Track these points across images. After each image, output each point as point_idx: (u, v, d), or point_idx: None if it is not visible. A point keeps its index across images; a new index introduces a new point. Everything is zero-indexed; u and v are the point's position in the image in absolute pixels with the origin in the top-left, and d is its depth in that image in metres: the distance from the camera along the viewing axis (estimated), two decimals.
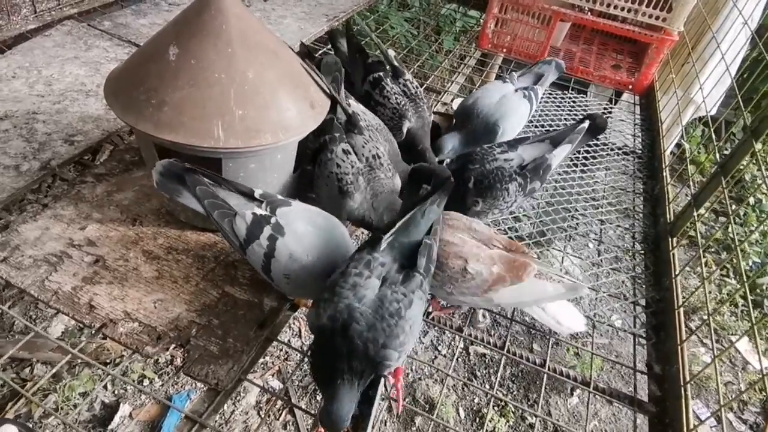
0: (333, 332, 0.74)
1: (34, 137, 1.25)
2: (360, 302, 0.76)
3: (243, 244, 0.87)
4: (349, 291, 0.76)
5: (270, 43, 0.98)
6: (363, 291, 0.76)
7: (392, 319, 0.75)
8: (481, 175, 1.11)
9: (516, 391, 2.23)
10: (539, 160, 1.13)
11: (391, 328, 0.75)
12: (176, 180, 0.88)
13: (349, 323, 0.74)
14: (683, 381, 0.97)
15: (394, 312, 0.76)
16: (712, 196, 1.25)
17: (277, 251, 0.86)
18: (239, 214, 0.87)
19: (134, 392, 1.89)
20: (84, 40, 1.62)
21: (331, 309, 0.75)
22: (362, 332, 0.73)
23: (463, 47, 2.33)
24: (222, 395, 0.88)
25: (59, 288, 0.96)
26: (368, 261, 0.79)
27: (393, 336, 0.75)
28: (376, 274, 0.78)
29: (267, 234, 0.86)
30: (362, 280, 0.77)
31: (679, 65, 2.00)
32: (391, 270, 0.80)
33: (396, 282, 0.79)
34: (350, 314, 0.74)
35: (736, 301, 2.73)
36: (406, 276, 0.80)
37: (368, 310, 0.75)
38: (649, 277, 1.25)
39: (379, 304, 0.76)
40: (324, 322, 0.75)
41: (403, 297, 0.78)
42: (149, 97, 0.89)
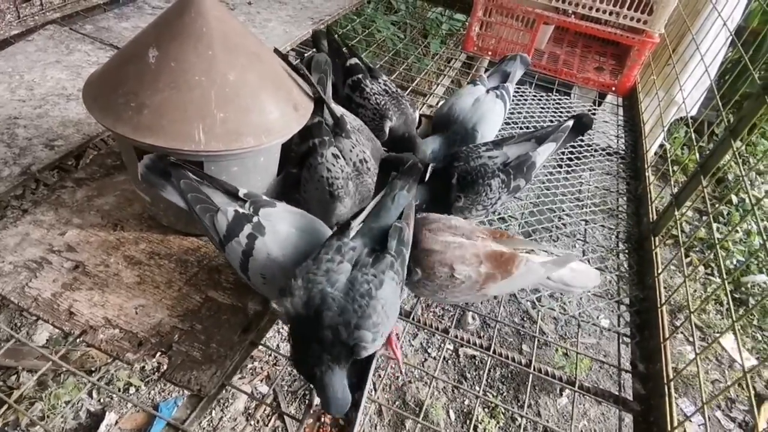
0: (307, 319, 0.75)
1: (14, 142, 1.23)
2: (333, 287, 0.76)
3: (222, 240, 0.87)
4: (322, 277, 0.76)
5: (251, 46, 0.98)
6: (335, 276, 0.76)
7: (363, 300, 0.75)
8: (464, 172, 1.11)
9: (506, 392, 2.23)
10: (523, 157, 1.13)
11: (362, 308, 0.75)
12: (161, 175, 0.87)
13: (321, 309, 0.74)
14: (667, 379, 0.98)
15: (365, 292, 0.76)
16: (693, 195, 1.26)
17: (256, 250, 0.85)
18: (221, 210, 0.87)
19: (120, 400, 1.86)
20: (66, 44, 1.61)
21: (305, 295, 0.75)
22: (334, 316, 0.74)
23: (449, 50, 2.34)
24: (205, 401, 0.87)
25: (39, 294, 0.94)
26: (339, 246, 0.79)
27: (365, 316, 0.75)
28: (348, 258, 0.78)
29: (247, 232, 0.86)
30: (334, 265, 0.77)
31: (661, 67, 2.04)
32: (362, 254, 0.80)
33: (366, 264, 0.79)
34: (323, 300, 0.74)
35: (722, 300, 2.77)
36: (376, 258, 0.80)
37: (339, 295, 0.75)
38: (633, 276, 1.26)
39: (349, 287, 0.76)
40: (299, 311, 0.75)
41: (373, 278, 0.77)
42: (128, 100, 0.88)
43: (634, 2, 1.78)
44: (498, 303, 2.56)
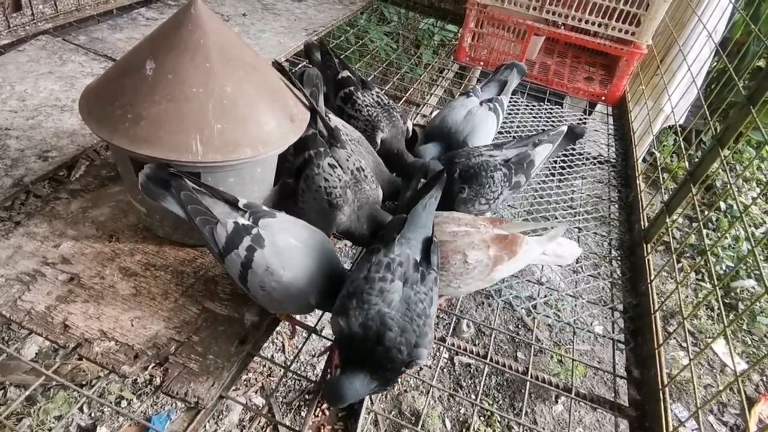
0: (366, 340, 0.76)
1: (6, 153, 1.22)
2: (389, 307, 0.78)
3: (222, 252, 0.87)
4: (377, 297, 0.78)
5: (248, 58, 0.98)
6: (390, 295, 0.79)
7: (420, 320, 0.79)
8: (466, 167, 1.14)
9: (501, 400, 2.23)
10: (522, 154, 1.17)
11: (421, 328, 0.78)
12: (161, 185, 0.87)
13: (383, 331, 0.76)
14: (661, 384, 0.99)
15: (422, 312, 0.79)
16: (684, 202, 1.29)
17: (255, 263, 0.85)
18: (221, 222, 0.87)
19: (112, 414, 1.83)
20: (59, 54, 1.60)
21: (362, 316, 0.77)
22: (397, 338, 0.76)
23: (441, 60, 2.37)
24: (202, 414, 0.86)
25: (32, 308, 0.93)
26: (388, 264, 0.81)
27: (423, 335, 0.79)
28: (398, 276, 0.81)
29: (246, 245, 0.86)
30: (387, 284, 0.80)
31: (649, 77, 2.08)
32: (408, 269, 0.83)
33: (416, 282, 0.82)
34: (382, 321, 0.77)
35: (713, 305, 2.80)
36: (422, 274, 0.83)
37: (397, 314, 0.78)
38: (626, 283, 1.28)
39: (406, 307, 0.79)
40: (356, 330, 0.77)
41: (425, 296, 0.81)
42: (125, 111, 0.88)
43: (622, 14, 1.82)
44: (492, 311, 2.57)
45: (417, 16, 2.93)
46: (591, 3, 1.83)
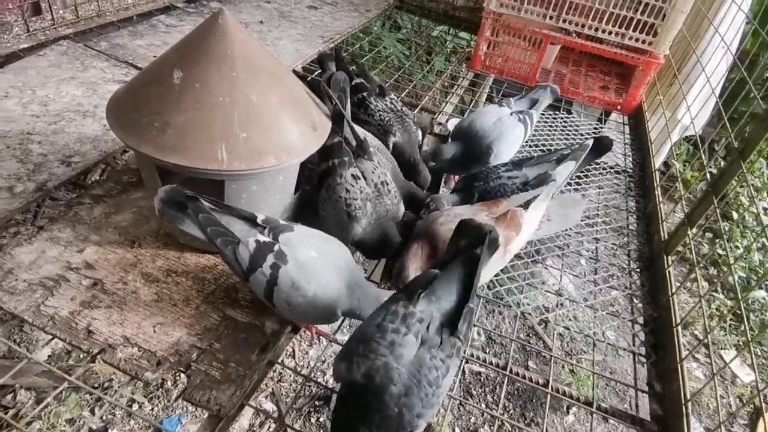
0: (366, 390, 0.69)
1: (28, 158, 1.23)
2: (397, 361, 0.71)
3: (246, 272, 0.86)
4: (386, 348, 0.71)
5: (272, 67, 0.99)
6: (400, 349, 0.71)
7: (430, 388, 0.71)
8: (484, 192, 1.15)
9: (512, 409, 2.22)
10: (542, 175, 1.16)
11: (428, 398, 0.70)
12: (178, 207, 0.87)
13: (385, 384, 0.69)
14: (684, 399, 0.98)
15: (433, 381, 0.71)
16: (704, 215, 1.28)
17: (280, 279, 0.85)
18: (242, 241, 0.86)
19: (123, 417, 1.83)
20: (81, 60, 1.62)
21: (365, 365, 0.70)
22: (399, 396, 0.69)
23: (454, 68, 2.37)
24: (224, 422, 0.86)
25: (56, 313, 0.94)
26: (405, 316, 0.74)
27: (429, 406, 0.71)
28: (414, 331, 0.73)
29: (270, 262, 0.85)
30: (399, 337, 0.72)
31: (666, 86, 2.07)
32: (429, 329, 0.75)
33: (435, 345, 0.73)
34: (387, 374, 0.69)
35: (725, 316, 2.77)
36: (444, 339, 0.75)
37: (405, 372, 0.70)
38: (646, 295, 1.27)
39: (417, 368, 0.71)
40: (357, 378, 0.70)
41: (441, 364, 0.73)
42: (152, 119, 0.89)
43: (639, 24, 1.82)
44: (503, 318, 2.56)
45: (430, 23, 2.94)
46: (608, 12, 1.83)
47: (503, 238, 0.99)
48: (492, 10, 1.97)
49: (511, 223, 1.01)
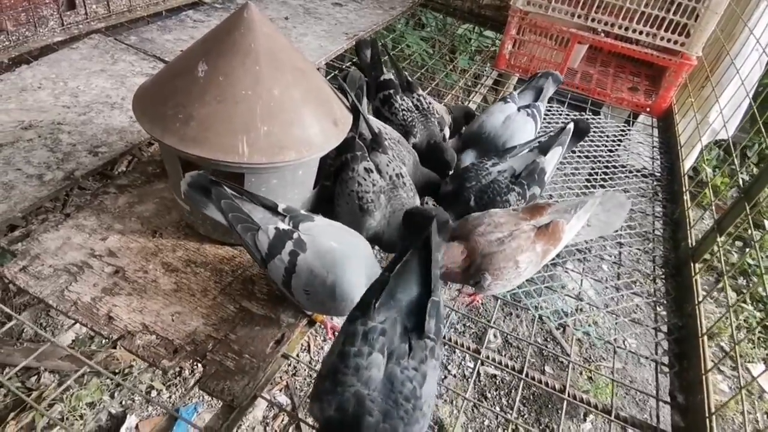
0: (342, 425, 0.64)
1: (58, 147, 1.27)
2: (367, 387, 0.65)
3: (264, 258, 0.87)
4: (351, 377, 0.66)
5: (296, 62, 0.99)
6: (367, 373, 0.66)
7: (408, 404, 0.65)
8: (479, 192, 1.13)
9: (527, 414, 2.18)
10: (531, 165, 1.15)
11: (408, 414, 0.65)
12: (202, 192, 0.88)
13: (360, 414, 0.63)
14: (708, 412, 0.95)
15: (410, 395, 0.66)
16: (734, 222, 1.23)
17: (298, 267, 0.86)
18: (262, 228, 0.87)
19: (141, 403, 1.87)
20: (111, 53, 1.66)
21: (335, 401, 0.65)
22: (377, 423, 0.63)
23: (478, 67, 2.35)
24: (237, 412, 0.86)
25: (78, 298, 0.96)
26: (365, 334, 0.68)
27: (413, 422, 0.65)
28: (378, 348, 0.67)
29: (288, 249, 0.86)
30: (363, 360, 0.66)
31: (698, 89, 2.00)
32: (393, 338, 0.69)
33: (403, 355, 0.68)
34: (359, 403, 0.64)
35: (754, 328, 2.68)
36: (413, 345, 0.69)
37: (378, 396, 0.65)
38: (671, 303, 1.23)
39: (390, 387, 0.66)
40: (331, 414, 0.65)
41: (415, 372, 0.67)
42: (177, 111, 0.90)
43: (671, 24, 1.76)
44: (521, 322, 2.52)
45: (454, 21, 2.91)
46: (638, 12, 1.78)
47: (541, 252, 0.98)
48: (519, 8, 1.93)
49: (552, 236, 0.99)
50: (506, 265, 0.95)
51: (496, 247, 0.95)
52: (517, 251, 0.96)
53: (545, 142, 1.20)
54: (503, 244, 0.95)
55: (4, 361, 1.78)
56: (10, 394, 1.74)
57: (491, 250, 0.95)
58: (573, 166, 1.70)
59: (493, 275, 0.96)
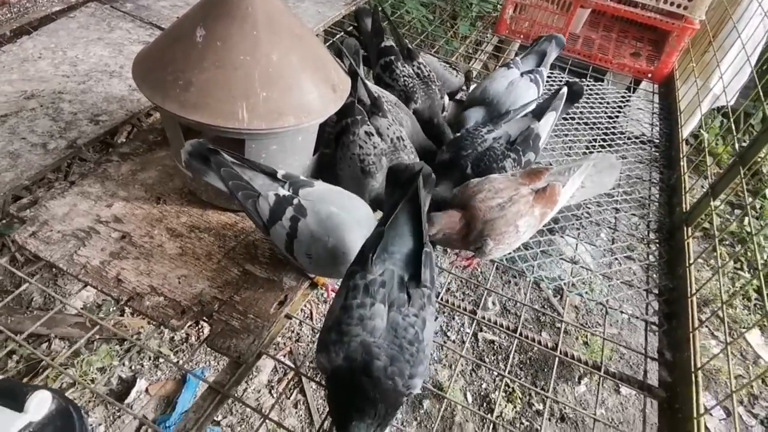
0: (352, 372, 0.68)
1: (60, 116, 1.28)
2: (372, 335, 0.69)
3: (266, 224, 0.89)
4: (356, 327, 0.70)
5: (294, 27, 0.99)
6: (371, 323, 0.70)
7: (412, 347, 0.70)
8: (476, 160, 1.14)
9: (524, 377, 2.25)
10: (526, 131, 1.16)
11: (414, 357, 0.70)
12: (203, 160, 0.90)
13: (369, 360, 0.68)
14: (694, 368, 0.99)
15: (413, 339, 0.70)
16: (729, 187, 1.24)
17: (299, 232, 0.88)
18: (262, 195, 0.89)
19: (150, 368, 1.94)
20: (107, 21, 1.65)
21: (343, 350, 0.69)
22: (386, 367, 0.68)
23: (479, 33, 2.31)
24: (244, 368, 0.91)
25: (87, 262, 0.99)
26: (366, 286, 0.72)
27: (417, 363, 0.70)
28: (380, 298, 0.71)
29: (289, 215, 0.88)
30: (367, 310, 0.70)
31: (699, 54, 1.98)
32: (392, 289, 0.73)
33: (403, 303, 0.72)
34: (367, 351, 0.68)
35: (750, 295, 2.72)
36: (411, 293, 0.74)
37: (384, 343, 0.69)
38: (663, 266, 1.26)
39: (393, 334, 0.70)
40: (339, 364, 0.69)
41: (416, 318, 0.72)
42: (176, 77, 0.91)
43: None
44: (519, 289, 2.57)
45: None
46: None
47: (539, 215, 1.00)
48: None
49: (548, 198, 1.02)
50: (507, 229, 0.98)
51: (497, 213, 0.97)
52: (517, 216, 0.98)
53: (539, 107, 1.21)
54: (504, 210, 0.97)
55: (15, 329, 1.83)
56: (23, 360, 1.80)
57: (492, 216, 0.97)
58: (573, 133, 1.70)
59: (495, 240, 0.98)
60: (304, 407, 2.00)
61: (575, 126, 1.72)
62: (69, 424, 0.66)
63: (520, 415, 2.10)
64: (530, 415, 2.10)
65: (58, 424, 0.65)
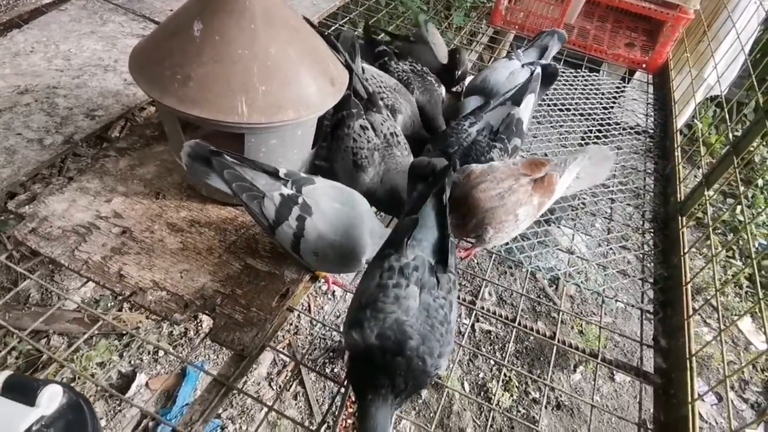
0: (384, 351, 0.70)
1: (55, 111, 1.27)
2: (407, 315, 0.72)
3: (272, 224, 0.89)
4: (392, 305, 0.72)
5: (292, 20, 0.99)
6: (406, 302, 0.73)
7: (442, 327, 0.73)
8: (463, 156, 1.14)
9: (520, 366, 2.29)
10: (507, 119, 1.17)
11: (443, 337, 0.73)
12: (204, 163, 0.89)
13: (403, 340, 0.70)
14: (689, 354, 1.01)
15: (443, 320, 0.74)
16: (722, 177, 1.26)
17: (306, 231, 0.88)
18: (267, 195, 0.89)
19: (150, 362, 1.95)
20: (99, 14, 1.63)
21: (377, 327, 0.71)
22: (418, 346, 0.70)
23: (473, 24, 2.31)
24: (248, 360, 0.92)
25: (89, 258, 1.00)
26: (401, 269, 0.76)
27: (446, 343, 0.73)
28: (414, 281, 0.75)
29: (296, 215, 0.88)
30: (402, 291, 0.74)
31: (694, 44, 1.99)
32: (424, 273, 0.77)
33: (433, 286, 0.76)
34: (401, 330, 0.71)
35: (742, 283, 2.76)
36: (440, 278, 0.78)
37: (416, 322, 0.72)
38: (658, 255, 1.28)
39: (426, 314, 0.73)
40: (372, 342, 0.71)
41: (444, 301, 0.75)
42: (174, 72, 0.90)
43: None
44: (515, 280, 2.59)
45: None
46: None
47: (537, 204, 1.01)
48: None
49: (546, 188, 1.03)
50: (507, 218, 0.99)
51: (497, 202, 0.98)
52: (516, 205, 0.99)
53: (517, 92, 1.21)
54: (504, 199, 0.98)
55: (14, 325, 1.83)
56: (22, 356, 1.80)
57: (492, 205, 0.98)
58: (569, 124, 1.71)
59: (495, 228, 1.00)
60: (303, 399, 2.01)
61: (571, 117, 1.73)
62: (80, 417, 0.67)
63: (517, 404, 2.13)
64: (527, 403, 2.14)
65: (69, 418, 0.66)
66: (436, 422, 1.63)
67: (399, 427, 1.96)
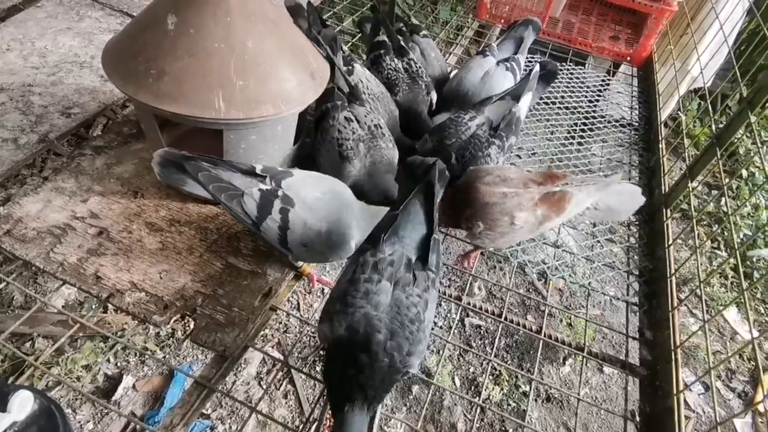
0: (352, 344, 0.69)
1: (30, 110, 1.24)
2: (376, 309, 0.71)
3: (256, 221, 0.87)
4: (362, 300, 0.72)
5: (269, 12, 0.97)
6: (376, 297, 0.72)
7: (413, 326, 0.72)
8: (460, 149, 1.12)
9: (510, 361, 2.29)
10: (509, 116, 1.15)
11: (414, 335, 0.71)
12: (177, 169, 0.87)
13: (370, 333, 0.69)
14: (674, 345, 1.01)
15: (414, 318, 0.72)
16: (706, 168, 1.27)
17: (291, 222, 0.87)
18: (246, 192, 0.87)
19: (137, 364, 1.92)
20: (76, 10, 1.59)
21: (346, 321, 0.71)
22: (385, 341, 0.69)
23: (460, 18, 2.30)
24: (229, 362, 0.90)
25: (65, 259, 0.97)
26: (375, 264, 0.75)
27: (416, 342, 0.72)
28: (387, 276, 0.74)
29: (278, 207, 0.87)
30: (373, 285, 0.73)
31: (678, 36, 1.99)
32: (400, 269, 0.76)
33: (408, 283, 0.75)
34: (369, 323, 0.70)
35: (727, 274, 2.79)
36: (417, 275, 0.76)
37: (386, 317, 0.71)
38: (643, 248, 1.28)
39: (396, 311, 0.72)
40: (341, 333, 0.70)
41: (419, 299, 0.74)
42: (148, 67, 0.88)
43: None
44: (504, 274, 2.60)
45: None
46: None
47: (540, 216, 0.98)
48: None
49: (556, 204, 0.99)
50: (501, 218, 0.96)
51: (497, 199, 0.96)
52: (516, 208, 0.96)
53: (517, 89, 1.20)
54: (505, 198, 0.96)
55: None
56: (7, 359, 1.77)
57: (491, 201, 0.96)
58: (554, 118, 1.71)
59: (487, 225, 0.97)
60: (293, 398, 2.00)
61: (556, 110, 1.73)
62: (53, 423, 0.65)
63: (507, 397, 2.14)
64: (517, 397, 2.14)
65: (41, 423, 0.64)
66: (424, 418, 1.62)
67: (389, 423, 1.95)
